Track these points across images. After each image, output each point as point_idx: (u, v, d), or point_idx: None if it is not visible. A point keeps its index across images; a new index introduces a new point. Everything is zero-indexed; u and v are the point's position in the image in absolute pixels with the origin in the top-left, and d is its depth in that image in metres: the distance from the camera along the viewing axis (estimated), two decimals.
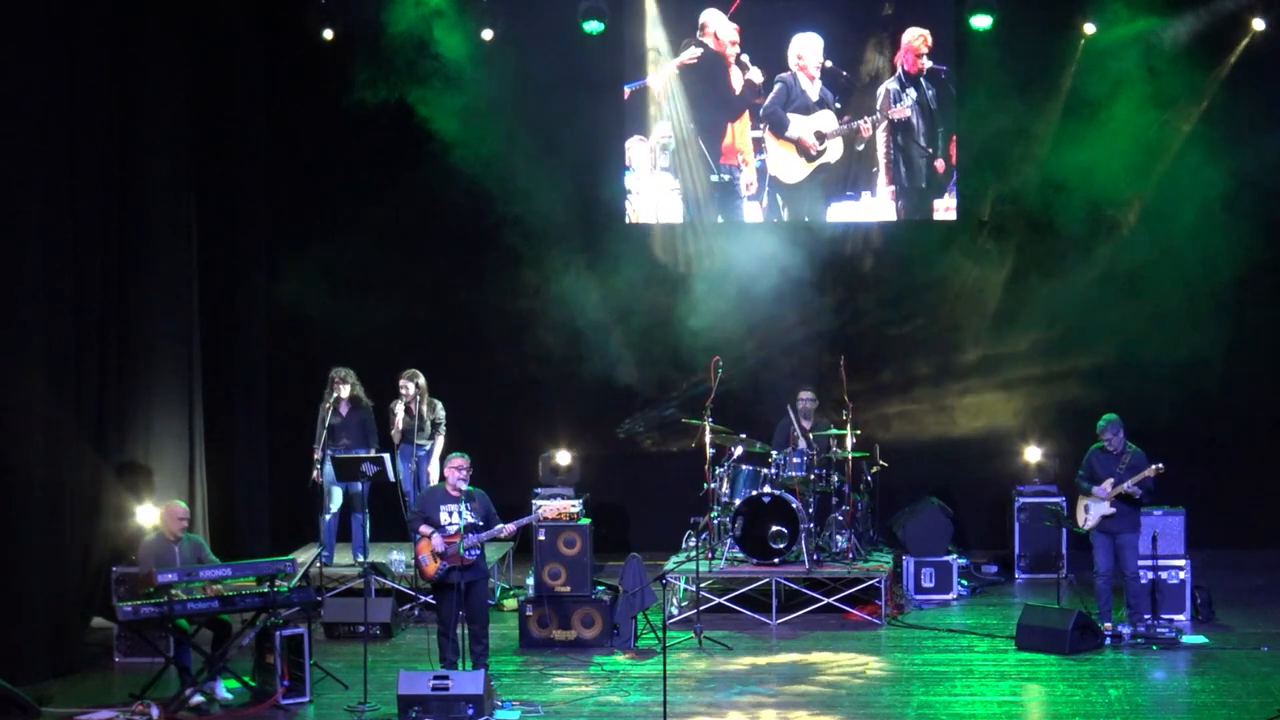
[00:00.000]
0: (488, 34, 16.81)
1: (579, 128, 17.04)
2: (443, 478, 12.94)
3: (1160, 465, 13.60)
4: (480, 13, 16.77)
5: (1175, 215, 16.54)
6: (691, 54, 17.28)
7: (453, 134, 16.40)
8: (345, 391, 15.31)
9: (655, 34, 17.31)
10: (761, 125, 17.33)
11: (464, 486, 12.67)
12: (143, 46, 14.97)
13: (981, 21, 16.63)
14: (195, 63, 15.74)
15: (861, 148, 17.25)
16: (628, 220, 17.52)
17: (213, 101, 16.03)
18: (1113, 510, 13.76)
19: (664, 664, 12.00)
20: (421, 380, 15.49)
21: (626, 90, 17.33)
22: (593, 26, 16.78)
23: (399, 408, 15.47)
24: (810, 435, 15.53)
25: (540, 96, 16.82)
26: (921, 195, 17.33)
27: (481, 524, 12.64)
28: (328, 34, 16.64)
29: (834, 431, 15.46)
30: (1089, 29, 16.56)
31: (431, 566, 12.59)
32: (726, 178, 17.41)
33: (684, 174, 17.42)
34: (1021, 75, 16.69)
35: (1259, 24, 16.37)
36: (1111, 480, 13.74)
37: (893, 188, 17.30)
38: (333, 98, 16.44)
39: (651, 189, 17.46)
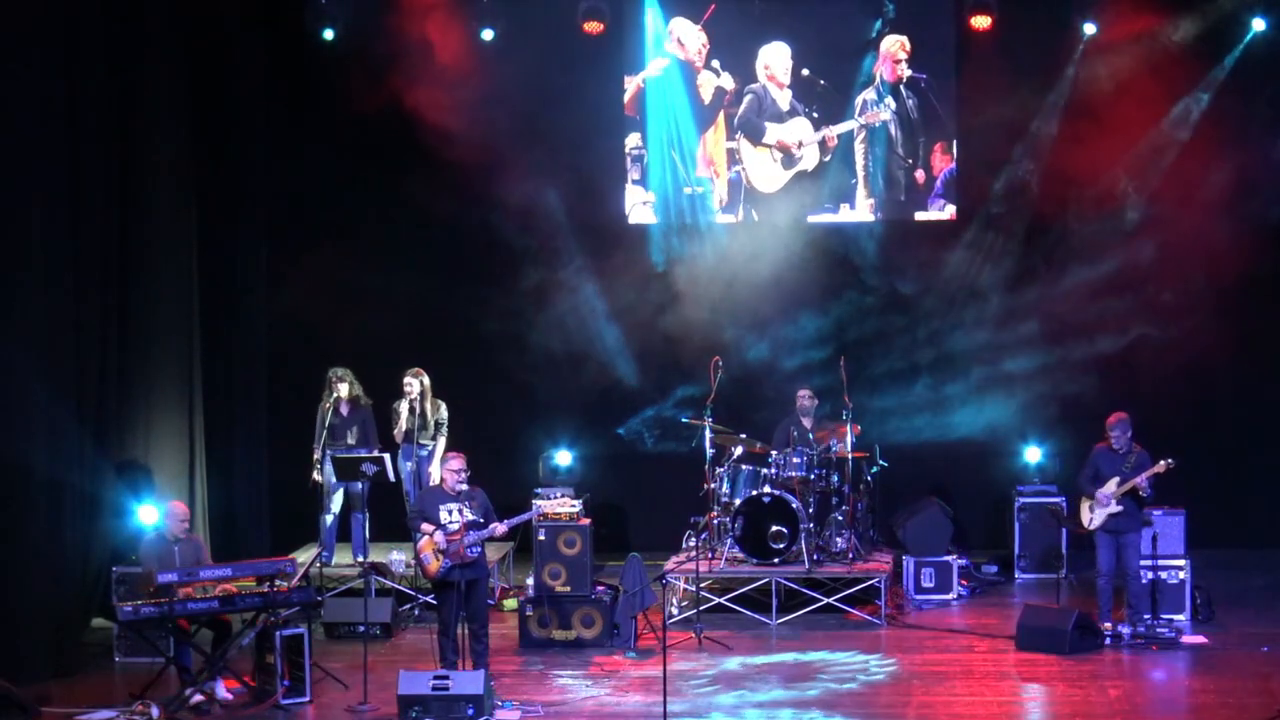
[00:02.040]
0: (488, 34, 16.80)
1: (579, 128, 17.03)
2: (442, 478, 12.95)
3: (1170, 460, 13.60)
4: (480, 13, 16.76)
5: (1177, 215, 16.53)
6: (660, 64, 17.22)
7: (452, 134, 16.38)
8: (344, 391, 15.31)
9: (656, 34, 17.28)
10: (737, 135, 17.27)
11: (462, 486, 12.67)
12: (143, 49, 14.99)
13: (981, 21, 16.61)
14: (196, 65, 15.73)
15: (828, 159, 17.15)
16: (628, 221, 17.51)
17: (213, 102, 16.02)
18: (1119, 509, 13.76)
19: (664, 664, 12.00)
20: (426, 379, 15.49)
21: (626, 80, 17.29)
22: (593, 27, 16.76)
23: (403, 406, 15.46)
24: (810, 435, 15.55)
25: (540, 97, 16.81)
26: (900, 207, 17.27)
27: (481, 521, 12.65)
28: (328, 34, 16.62)
29: (833, 430, 15.46)
30: (1089, 29, 16.54)
31: (434, 565, 12.59)
32: (700, 189, 17.37)
33: (655, 185, 17.37)
34: (1022, 75, 16.68)
35: (1259, 24, 16.37)
36: (1117, 479, 13.74)
37: (871, 200, 17.25)
38: (333, 99, 16.42)
39: (629, 198, 17.41)
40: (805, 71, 17.15)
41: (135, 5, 14.84)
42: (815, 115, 17.19)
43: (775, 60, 17.12)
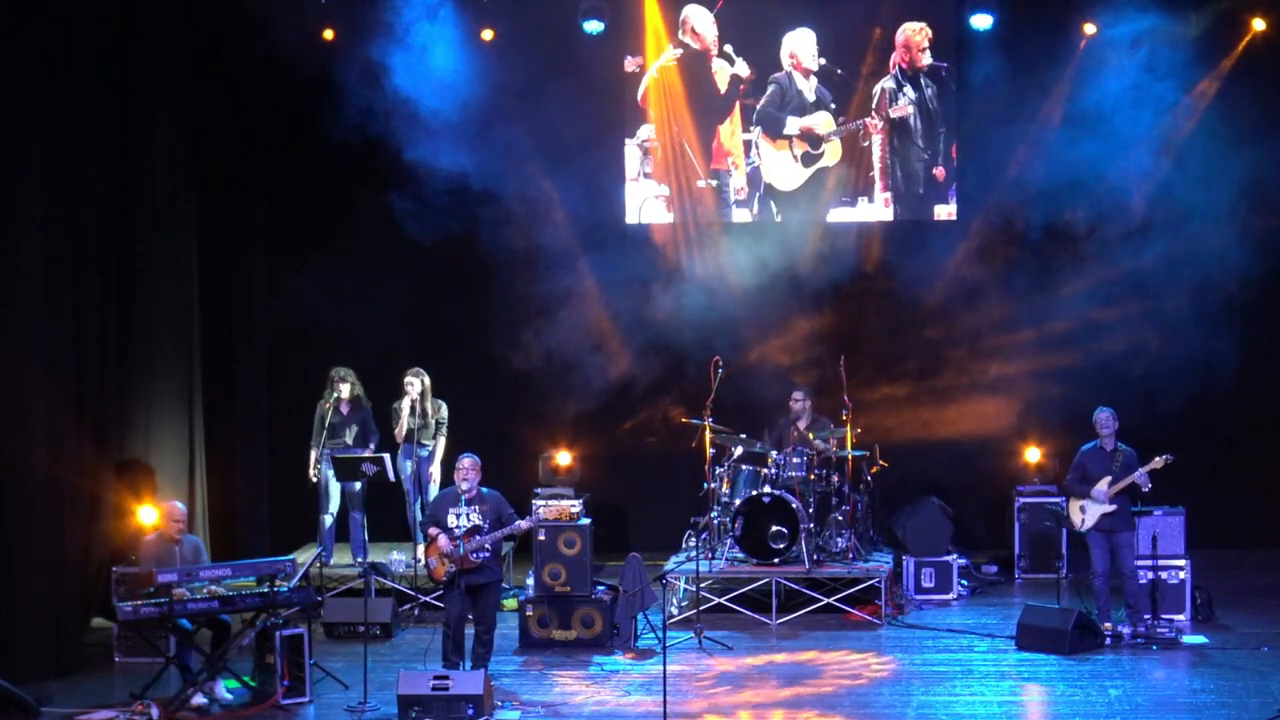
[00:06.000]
0: (488, 34, 16.80)
1: (579, 127, 16.99)
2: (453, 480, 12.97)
3: (1169, 456, 13.60)
4: (480, 13, 16.76)
5: (1177, 216, 16.53)
6: (672, 55, 17.20)
7: (451, 134, 16.38)
8: (345, 391, 15.33)
9: (657, 33, 17.26)
10: (754, 128, 17.25)
11: (465, 485, 12.68)
12: (143, 60, 14.99)
13: (982, 21, 16.61)
14: (196, 71, 15.72)
15: (867, 144, 17.10)
16: (628, 220, 17.51)
17: (213, 102, 16.02)
18: (1112, 508, 13.77)
19: (664, 664, 12.00)
20: (427, 379, 15.49)
21: (628, 61, 17.24)
22: (593, 26, 16.76)
23: (404, 407, 15.44)
24: (808, 435, 15.55)
25: (540, 97, 16.79)
26: (919, 201, 17.24)
27: (486, 526, 12.64)
28: (328, 34, 16.60)
29: (832, 430, 15.46)
30: (1089, 29, 16.54)
31: (440, 569, 12.65)
32: (715, 182, 17.36)
33: (671, 179, 17.36)
34: (1022, 75, 16.67)
35: (1259, 24, 16.37)
36: (1108, 479, 13.75)
37: (889, 194, 17.23)
38: (332, 100, 16.39)
39: (637, 193, 17.42)
40: (823, 60, 17.11)
41: (135, 18, 14.84)
42: (834, 106, 17.15)
43: (801, 47, 17.04)
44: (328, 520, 15.33)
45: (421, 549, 13.60)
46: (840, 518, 15.27)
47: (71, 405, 13.72)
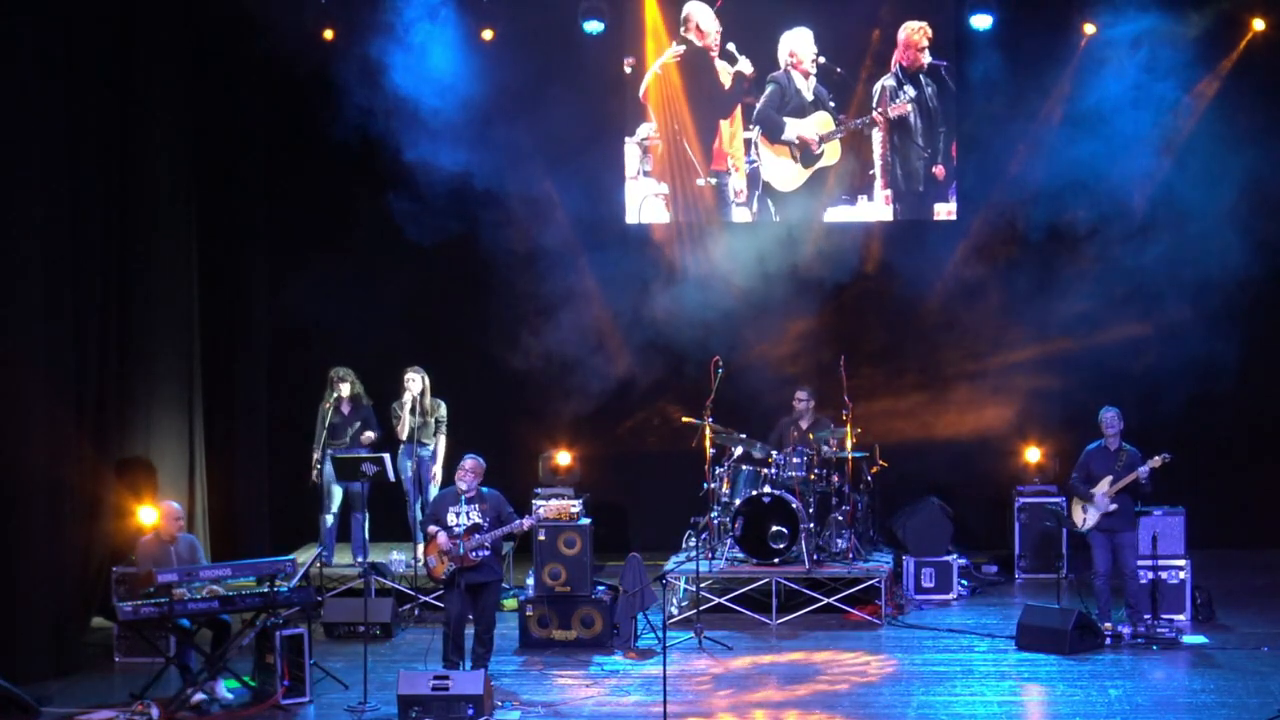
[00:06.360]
0: (488, 34, 16.80)
1: (578, 127, 16.99)
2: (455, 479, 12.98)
3: (1166, 455, 13.61)
4: (480, 13, 16.76)
5: (1177, 215, 16.53)
6: (674, 52, 17.20)
7: (451, 134, 16.39)
8: (345, 390, 15.34)
9: (656, 32, 17.26)
10: (753, 128, 17.26)
11: (464, 485, 12.69)
12: (143, 62, 14.99)
13: (981, 21, 16.61)
14: (195, 74, 15.72)
15: (868, 137, 17.03)
16: (628, 220, 17.51)
17: (213, 102, 16.02)
18: (1114, 507, 13.78)
19: (664, 664, 12.01)
20: (426, 377, 15.49)
21: (627, 63, 17.24)
22: (593, 26, 16.76)
23: (405, 405, 15.44)
24: (809, 435, 15.56)
25: (540, 96, 16.79)
26: (919, 199, 17.25)
27: (486, 525, 12.65)
28: (328, 34, 16.60)
29: (833, 430, 15.47)
30: (1089, 29, 16.55)
31: (439, 567, 12.68)
32: (714, 181, 17.35)
33: (670, 177, 17.35)
34: (1022, 75, 16.68)
35: (1259, 24, 16.37)
36: (1110, 478, 13.76)
37: (889, 191, 17.24)
38: (332, 100, 16.40)
39: (637, 192, 17.42)
40: (822, 59, 17.11)
41: (135, 18, 14.85)
42: (833, 104, 17.13)
43: (800, 46, 17.03)
44: (329, 520, 15.33)
45: (421, 548, 13.61)
46: (840, 518, 15.27)
47: (71, 405, 13.72)
